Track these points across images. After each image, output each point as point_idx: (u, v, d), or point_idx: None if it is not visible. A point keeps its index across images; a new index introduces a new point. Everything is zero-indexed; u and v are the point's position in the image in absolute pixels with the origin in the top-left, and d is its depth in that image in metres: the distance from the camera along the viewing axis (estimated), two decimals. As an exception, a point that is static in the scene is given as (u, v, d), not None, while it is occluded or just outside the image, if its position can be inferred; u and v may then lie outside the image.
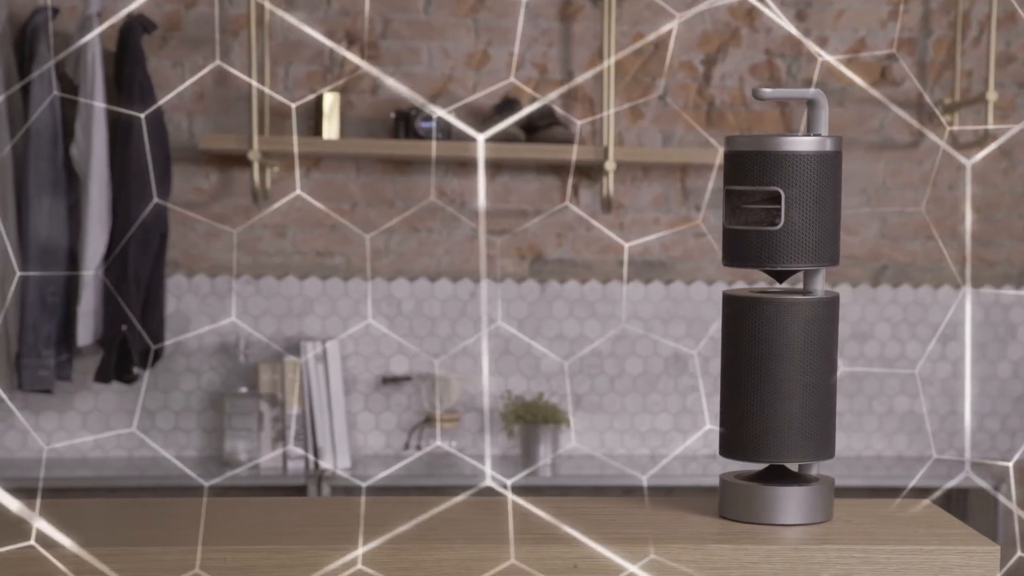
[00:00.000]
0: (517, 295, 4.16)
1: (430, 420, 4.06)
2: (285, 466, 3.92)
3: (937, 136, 4.19)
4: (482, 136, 1.03)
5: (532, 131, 3.97)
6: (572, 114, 4.11)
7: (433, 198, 4.08)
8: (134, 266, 3.80)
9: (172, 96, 3.97)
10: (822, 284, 1.48)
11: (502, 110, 4.02)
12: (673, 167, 4.17)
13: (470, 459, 4.01)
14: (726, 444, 1.48)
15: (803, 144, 1.44)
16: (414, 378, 4.12)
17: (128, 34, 3.85)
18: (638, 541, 1.38)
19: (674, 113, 4.16)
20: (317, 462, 3.89)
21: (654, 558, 1.35)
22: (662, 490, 3.89)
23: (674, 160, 4.09)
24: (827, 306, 1.46)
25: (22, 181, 3.75)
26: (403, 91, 1.01)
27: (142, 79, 3.84)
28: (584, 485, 3.94)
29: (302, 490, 3.86)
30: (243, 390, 3.97)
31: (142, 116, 3.73)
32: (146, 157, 3.78)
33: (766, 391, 1.44)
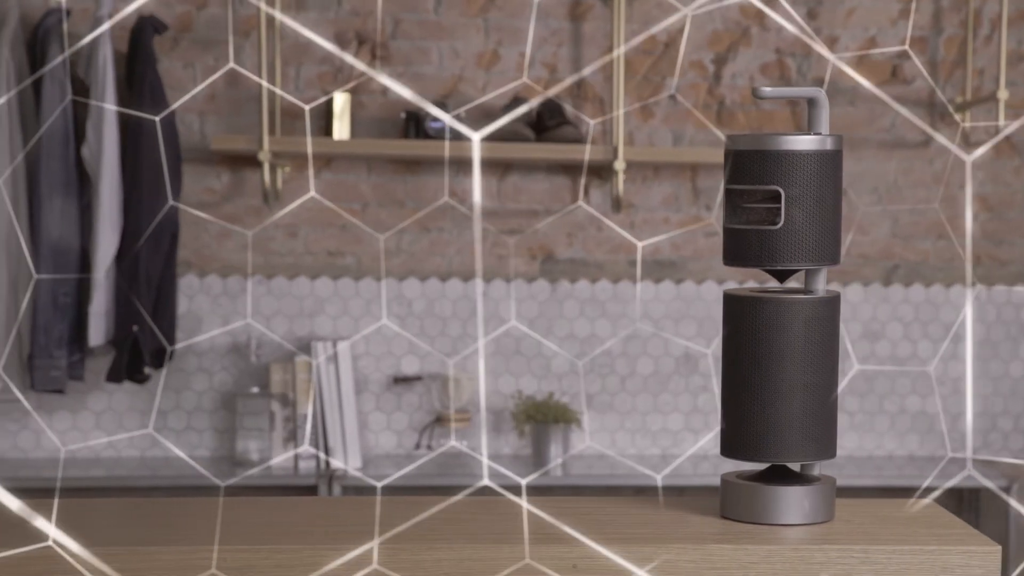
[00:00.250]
0: (528, 295, 4.16)
1: (441, 420, 4.07)
2: (296, 466, 3.93)
3: (949, 134, 4.18)
4: (477, 135, 1.03)
5: (542, 131, 3.97)
6: (583, 113, 4.11)
7: (447, 198, 4.09)
8: (145, 266, 3.81)
9: (185, 99, 3.98)
10: (823, 283, 1.48)
11: (512, 110, 4.02)
12: (683, 166, 4.17)
13: (484, 458, 4.01)
14: (727, 444, 1.48)
15: (803, 143, 1.43)
16: (425, 378, 4.13)
17: (139, 35, 3.86)
18: (638, 541, 1.38)
19: (684, 112, 4.16)
20: (328, 462, 3.89)
21: (662, 561, 1.35)
22: (674, 490, 3.89)
23: (684, 159, 4.09)
24: (828, 305, 1.46)
25: (34, 182, 3.77)
26: (406, 94, 1.02)
27: (153, 80, 3.85)
28: (596, 485, 3.94)
29: (313, 490, 3.87)
30: (255, 390, 3.98)
31: (157, 119, 3.74)
32: (157, 158, 3.79)
33: (767, 391, 1.44)
